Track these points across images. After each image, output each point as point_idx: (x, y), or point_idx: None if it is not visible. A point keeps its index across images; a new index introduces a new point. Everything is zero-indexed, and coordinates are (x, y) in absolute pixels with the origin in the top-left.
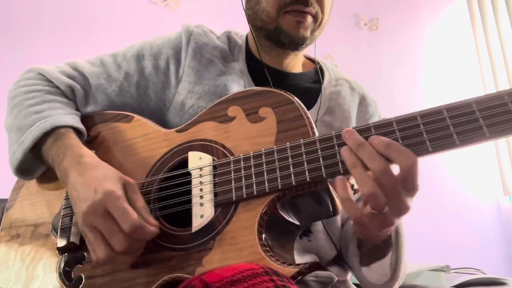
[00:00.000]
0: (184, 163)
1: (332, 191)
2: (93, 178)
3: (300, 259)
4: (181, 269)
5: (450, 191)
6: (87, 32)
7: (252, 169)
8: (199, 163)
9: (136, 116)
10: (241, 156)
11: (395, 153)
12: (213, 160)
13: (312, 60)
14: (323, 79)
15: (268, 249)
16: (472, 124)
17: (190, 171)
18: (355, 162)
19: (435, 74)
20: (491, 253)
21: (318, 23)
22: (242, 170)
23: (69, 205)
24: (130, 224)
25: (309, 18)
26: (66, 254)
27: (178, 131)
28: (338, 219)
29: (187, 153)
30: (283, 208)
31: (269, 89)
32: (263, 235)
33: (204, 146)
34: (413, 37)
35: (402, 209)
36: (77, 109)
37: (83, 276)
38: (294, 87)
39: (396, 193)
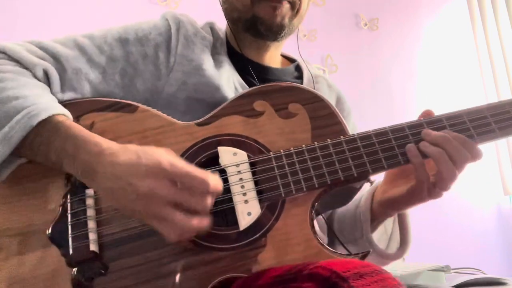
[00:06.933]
0: (212, 159)
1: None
2: (132, 158)
3: None
4: (234, 269)
5: (449, 190)
6: (86, 31)
7: (297, 165)
8: (234, 159)
9: (141, 106)
10: (282, 153)
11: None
12: (248, 156)
13: (289, 59)
14: (302, 76)
15: (321, 242)
16: (487, 127)
17: (225, 168)
18: (441, 155)
19: (435, 75)
20: (491, 253)
21: (295, 11)
22: (286, 166)
23: (78, 209)
24: (205, 180)
25: (286, 4)
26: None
27: (198, 125)
28: None
29: (215, 148)
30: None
31: (296, 85)
32: (315, 228)
33: (235, 141)
34: (413, 37)
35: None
36: None
37: None
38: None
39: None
